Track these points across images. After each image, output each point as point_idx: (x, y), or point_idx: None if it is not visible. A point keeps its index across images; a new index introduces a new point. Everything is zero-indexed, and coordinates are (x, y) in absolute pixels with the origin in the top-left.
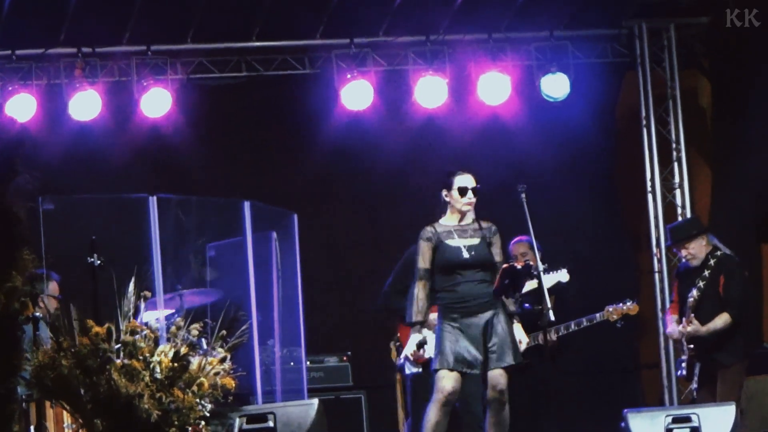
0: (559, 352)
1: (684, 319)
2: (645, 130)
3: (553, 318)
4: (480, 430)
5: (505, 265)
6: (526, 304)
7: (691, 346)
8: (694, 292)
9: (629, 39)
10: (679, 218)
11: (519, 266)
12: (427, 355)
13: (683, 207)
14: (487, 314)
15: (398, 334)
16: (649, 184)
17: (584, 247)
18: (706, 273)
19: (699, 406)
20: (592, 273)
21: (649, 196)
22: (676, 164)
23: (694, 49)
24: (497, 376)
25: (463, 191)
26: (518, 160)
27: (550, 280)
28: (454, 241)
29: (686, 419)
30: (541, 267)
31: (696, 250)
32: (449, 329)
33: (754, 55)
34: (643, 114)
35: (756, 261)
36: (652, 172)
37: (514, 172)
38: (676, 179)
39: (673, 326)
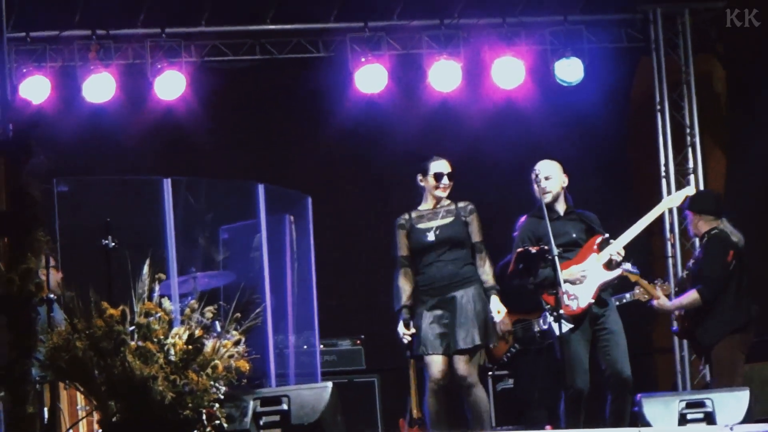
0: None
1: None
2: (659, 115)
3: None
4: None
5: (519, 249)
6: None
7: (676, 324)
8: (683, 272)
9: (644, 24)
10: None
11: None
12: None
13: None
14: (456, 293)
15: (545, 300)
16: (663, 169)
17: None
18: (697, 253)
19: (712, 391)
20: None
21: (663, 182)
22: (690, 149)
23: (709, 34)
24: (457, 361)
25: (438, 177)
26: (532, 144)
27: (679, 197)
28: (425, 225)
29: (700, 404)
30: (555, 251)
31: (689, 220)
32: (424, 314)
33: None
34: (657, 99)
35: None
36: (666, 157)
37: (527, 157)
38: (690, 164)
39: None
